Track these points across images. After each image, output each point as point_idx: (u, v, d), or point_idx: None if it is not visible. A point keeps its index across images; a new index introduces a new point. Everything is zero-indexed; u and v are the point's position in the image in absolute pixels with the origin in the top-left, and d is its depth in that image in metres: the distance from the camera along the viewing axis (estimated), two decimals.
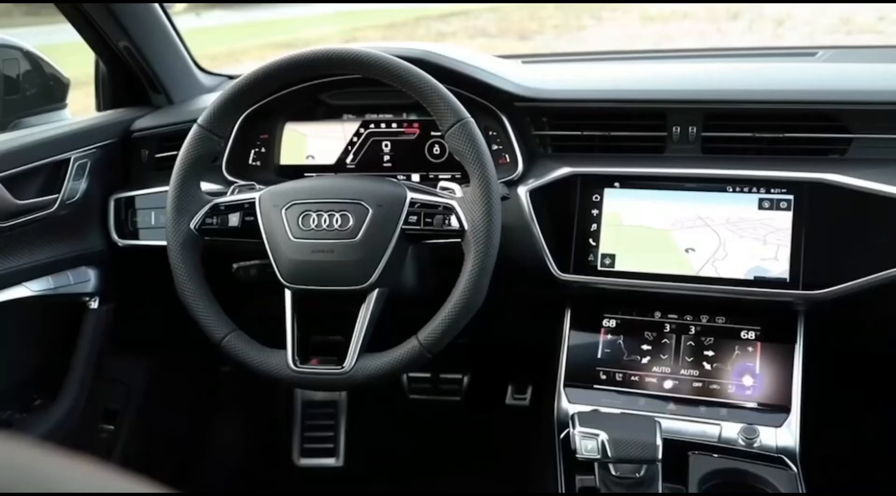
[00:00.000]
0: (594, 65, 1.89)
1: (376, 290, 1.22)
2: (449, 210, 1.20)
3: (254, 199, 1.28)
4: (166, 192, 1.29)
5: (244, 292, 1.45)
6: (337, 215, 1.22)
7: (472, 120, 1.19)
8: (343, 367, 1.20)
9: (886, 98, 1.31)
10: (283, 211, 1.25)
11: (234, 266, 1.41)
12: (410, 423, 2.26)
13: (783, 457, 1.25)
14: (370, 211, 1.21)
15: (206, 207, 1.28)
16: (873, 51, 1.87)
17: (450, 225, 1.19)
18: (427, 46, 1.41)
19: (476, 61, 1.44)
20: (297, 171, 1.55)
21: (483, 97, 1.42)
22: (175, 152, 1.30)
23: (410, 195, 1.23)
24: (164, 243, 1.29)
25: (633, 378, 1.36)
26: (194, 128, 1.27)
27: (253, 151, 1.56)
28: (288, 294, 1.25)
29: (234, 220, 1.28)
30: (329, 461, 2.21)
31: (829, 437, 1.75)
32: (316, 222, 1.23)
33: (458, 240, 1.19)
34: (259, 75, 1.25)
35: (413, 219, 1.22)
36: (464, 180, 1.23)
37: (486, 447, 2.13)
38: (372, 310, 1.22)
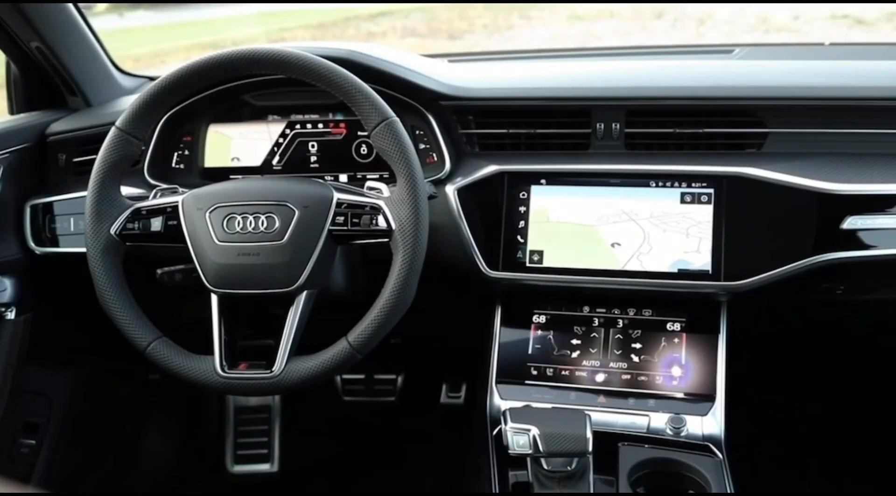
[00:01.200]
0: (520, 63, 1.91)
1: (304, 292, 1.20)
2: (376, 210, 1.19)
3: (176, 202, 1.25)
4: (85, 197, 1.25)
5: (169, 298, 1.42)
6: (262, 217, 1.20)
7: (397, 119, 1.18)
8: (272, 371, 1.18)
9: (799, 93, 1.36)
10: (208, 214, 1.22)
11: (158, 271, 1.38)
12: (346, 426, 2.25)
13: (709, 444, 1.28)
14: (296, 212, 1.20)
15: (127, 212, 1.25)
16: (787, 48, 1.94)
17: (377, 225, 1.19)
18: (351, 46, 1.41)
19: (401, 60, 1.44)
20: (222, 174, 1.52)
21: (408, 96, 1.42)
22: (93, 156, 1.26)
23: (337, 196, 1.22)
24: (84, 250, 1.25)
25: (563, 372, 1.38)
26: (112, 130, 1.24)
27: (176, 154, 1.53)
28: (214, 298, 1.23)
29: (156, 224, 1.25)
30: (264, 467, 2.18)
31: (753, 423, 1.80)
32: (241, 225, 1.21)
33: (386, 239, 1.19)
34: (179, 76, 1.23)
35: (340, 219, 1.21)
36: (391, 180, 1.23)
37: (422, 447, 2.13)
38: (301, 313, 1.20)
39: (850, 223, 1.27)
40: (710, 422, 1.30)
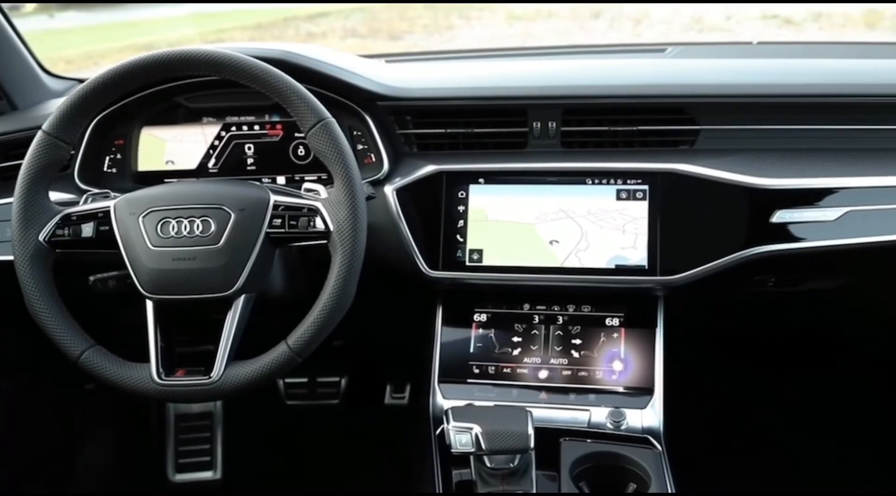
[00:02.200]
0: (457, 63, 1.91)
1: (242, 296, 1.19)
2: (313, 211, 1.18)
3: (108, 207, 1.23)
4: (11, 203, 1.21)
5: (103, 305, 1.39)
6: (197, 221, 1.19)
7: (333, 120, 1.18)
8: (211, 377, 1.17)
9: (728, 91, 1.39)
10: (141, 219, 1.20)
11: (91, 278, 1.35)
12: (289, 430, 2.23)
13: (648, 436, 1.30)
14: (232, 215, 1.18)
15: (57, 218, 1.22)
16: (717, 47, 1.98)
17: (315, 227, 1.18)
18: (286, 46, 1.39)
19: (336, 60, 1.43)
20: (156, 178, 1.49)
21: (345, 97, 1.41)
22: (20, 161, 1.23)
23: (273, 198, 1.21)
24: (11, 258, 1.21)
25: (505, 370, 1.39)
26: (39, 134, 1.21)
27: (108, 158, 1.49)
28: (149, 305, 1.20)
29: (87, 230, 1.22)
30: (206, 475, 2.15)
31: (695, 415, 1.84)
32: (176, 229, 1.19)
33: (325, 241, 1.18)
34: (109, 78, 1.20)
35: (277, 222, 1.20)
36: (329, 181, 1.22)
37: (367, 449, 2.12)
38: (239, 317, 1.19)
39: (780, 217, 1.31)
40: (649, 415, 1.33)
